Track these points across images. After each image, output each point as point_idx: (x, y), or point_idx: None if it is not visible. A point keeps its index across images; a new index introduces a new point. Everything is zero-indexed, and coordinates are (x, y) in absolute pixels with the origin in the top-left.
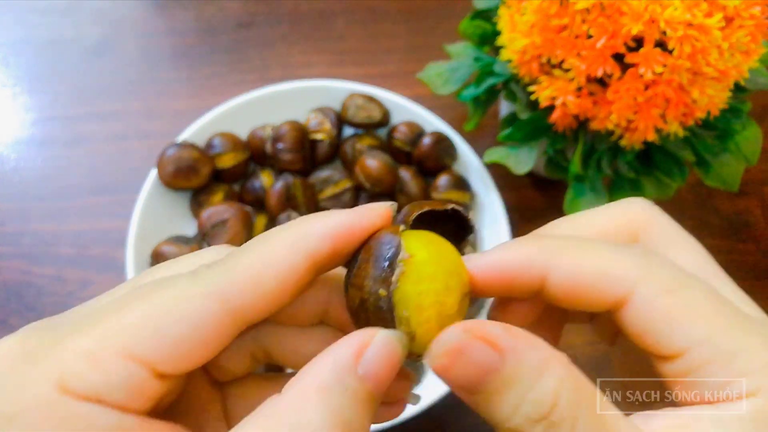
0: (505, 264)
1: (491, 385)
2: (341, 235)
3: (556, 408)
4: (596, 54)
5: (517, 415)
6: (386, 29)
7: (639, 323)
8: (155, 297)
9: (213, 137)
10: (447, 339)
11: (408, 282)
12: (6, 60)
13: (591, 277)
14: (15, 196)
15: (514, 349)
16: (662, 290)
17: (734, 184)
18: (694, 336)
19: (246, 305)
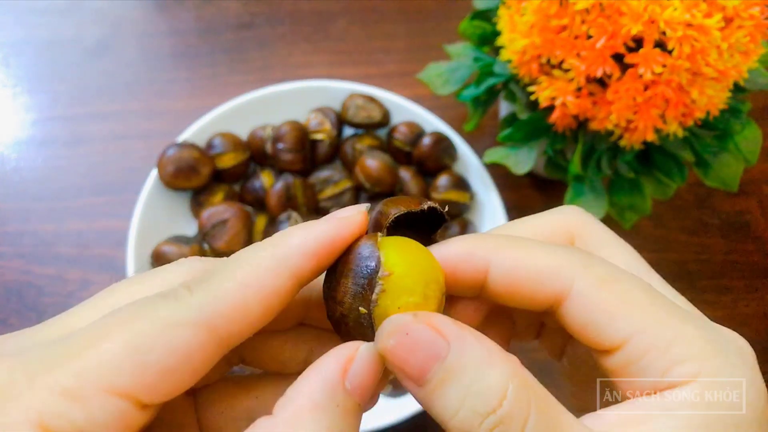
0: (449, 256)
1: (437, 374)
2: (322, 249)
3: (504, 402)
4: (596, 54)
5: (464, 408)
6: (386, 30)
7: (579, 317)
8: (136, 325)
9: (213, 137)
10: (395, 321)
11: (387, 298)
12: (6, 60)
13: (530, 273)
14: (15, 196)
15: (461, 337)
16: (599, 283)
17: (733, 184)
18: (632, 326)
19: (233, 332)
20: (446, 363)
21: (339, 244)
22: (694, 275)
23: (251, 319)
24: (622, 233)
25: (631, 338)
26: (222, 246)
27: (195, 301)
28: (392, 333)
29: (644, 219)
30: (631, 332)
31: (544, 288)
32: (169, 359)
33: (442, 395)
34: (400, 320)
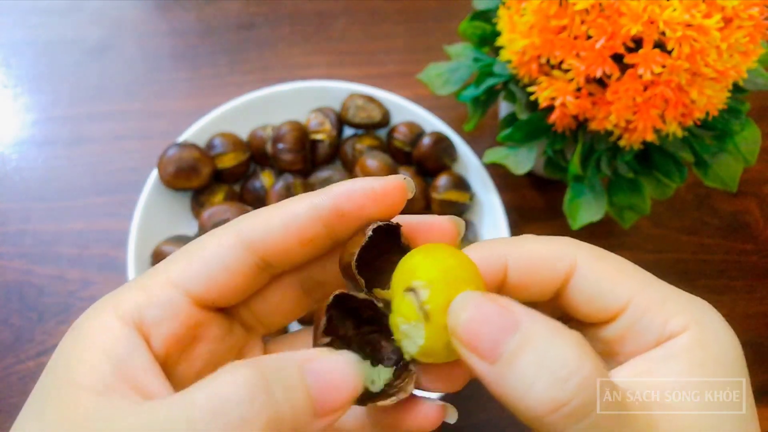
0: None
1: (510, 346)
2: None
3: (584, 365)
4: (595, 54)
5: (542, 375)
6: (386, 30)
7: (585, 288)
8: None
9: (214, 137)
10: (467, 296)
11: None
12: (7, 61)
13: (541, 256)
14: (16, 196)
15: (528, 312)
16: (595, 257)
17: (733, 184)
18: (631, 288)
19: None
20: (519, 334)
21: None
22: (693, 275)
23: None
24: (621, 233)
25: (632, 300)
26: None
27: (237, 227)
28: (465, 307)
29: (643, 219)
30: (630, 294)
31: (554, 269)
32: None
33: (518, 367)
34: (472, 296)
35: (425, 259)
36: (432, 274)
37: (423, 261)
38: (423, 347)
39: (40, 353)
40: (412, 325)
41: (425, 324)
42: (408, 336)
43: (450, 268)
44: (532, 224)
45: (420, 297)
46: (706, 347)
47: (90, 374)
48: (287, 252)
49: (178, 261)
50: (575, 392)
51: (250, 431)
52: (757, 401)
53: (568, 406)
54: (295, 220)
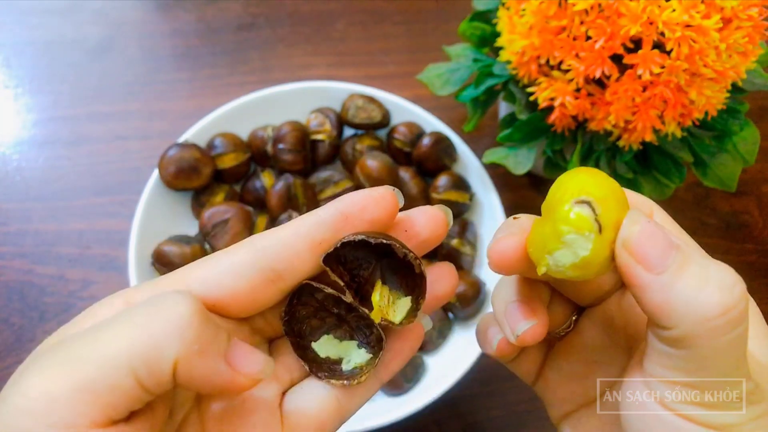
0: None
1: (676, 259)
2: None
3: (741, 280)
4: (595, 55)
5: (710, 284)
6: (386, 31)
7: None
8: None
9: (214, 138)
10: (636, 212)
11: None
12: (8, 61)
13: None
14: (17, 197)
15: (683, 240)
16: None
17: (732, 184)
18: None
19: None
20: (682, 252)
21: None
22: None
23: (294, 249)
24: None
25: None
26: (223, 246)
27: (251, 240)
28: (638, 222)
29: None
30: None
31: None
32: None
33: (685, 276)
34: (641, 215)
35: (592, 178)
36: (602, 191)
37: (590, 179)
38: (585, 258)
39: None
40: (583, 236)
41: (596, 236)
42: (570, 246)
43: (614, 191)
44: None
45: (596, 210)
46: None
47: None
48: (297, 258)
49: (194, 268)
50: (740, 298)
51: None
52: None
53: (735, 310)
54: (303, 226)
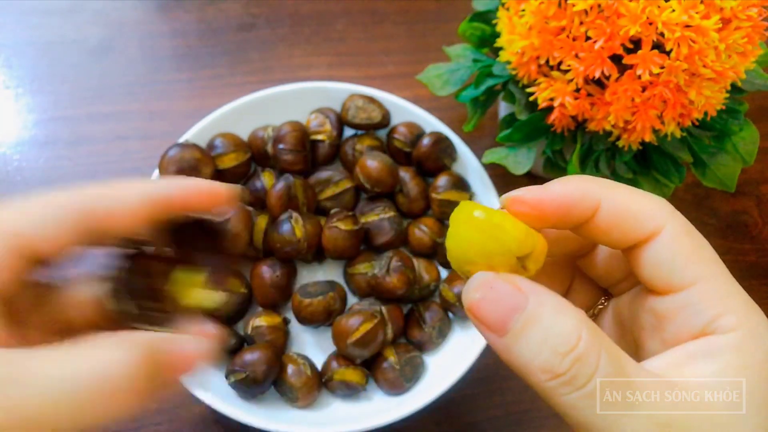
0: (566, 195)
1: (518, 322)
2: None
3: (581, 341)
4: (594, 55)
5: (545, 349)
6: (386, 31)
7: (660, 255)
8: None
9: (215, 138)
10: (480, 277)
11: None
12: (8, 61)
13: (634, 210)
14: (18, 196)
15: (536, 290)
16: (684, 232)
17: (731, 184)
18: (701, 273)
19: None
20: (526, 312)
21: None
22: None
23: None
24: None
25: (696, 283)
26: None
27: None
28: (478, 288)
29: None
30: (697, 278)
31: (642, 226)
32: (46, 214)
33: (524, 340)
34: (485, 277)
35: (477, 235)
36: (486, 253)
37: (475, 240)
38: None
39: None
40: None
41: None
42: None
43: (483, 246)
44: None
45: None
46: (750, 353)
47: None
48: (116, 219)
49: (6, 207)
50: (570, 365)
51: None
52: None
53: (564, 377)
54: (127, 198)
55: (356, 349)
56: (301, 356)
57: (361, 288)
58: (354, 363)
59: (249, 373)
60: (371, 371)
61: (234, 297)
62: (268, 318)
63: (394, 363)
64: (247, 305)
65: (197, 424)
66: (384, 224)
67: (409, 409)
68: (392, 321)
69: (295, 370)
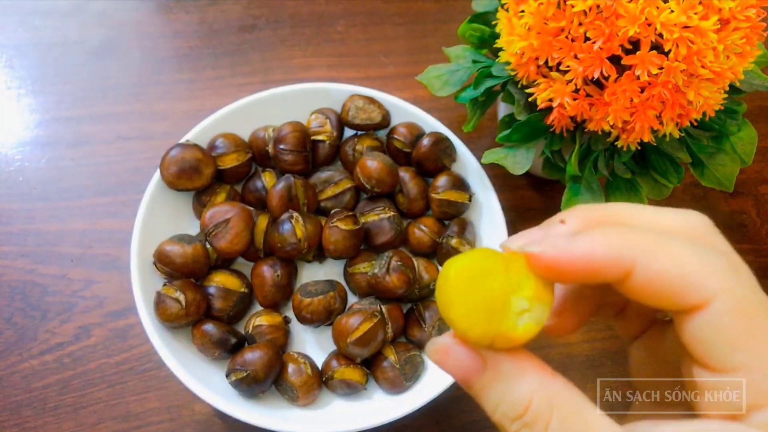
0: (594, 256)
1: (477, 384)
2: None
3: (529, 409)
4: (593, 56)
5: (497, 411)
6: (386, 32)
7: (703, 333)
8: None
9: (216, 138)
10: (438, 341)
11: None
12: (10, 62)
13: (676, 279)
14: (19, 197)
15: (495, 358)
16: (738, 309)
17: (729, 184)
18: (748, 362)
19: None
20: (483, 377)
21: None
22: None
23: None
24: None
25: (739, 371)
26: (224, 245)
27: None
28: (435, 352)
29: None
30: (743, 365)
31: (684, 298)
32: None
33: (484, 398)
34: (442, 341)
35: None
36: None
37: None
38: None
39: (44, 352)
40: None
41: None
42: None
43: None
44: (530, 224)
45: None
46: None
47: None
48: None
49: None
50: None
51: None
52: None
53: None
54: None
55: (356, 348)
56: (302, 355)
57: (361, 287)
58: (354, 362)
59: (250, 372)
60: (371, 370)
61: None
62: (268, 317)
63: (394, 362)
64: (247, 304)
65: (198, 423)
66: (384, 224)
67: (409, 408)
68: (392, 320)
69: (296, 369)
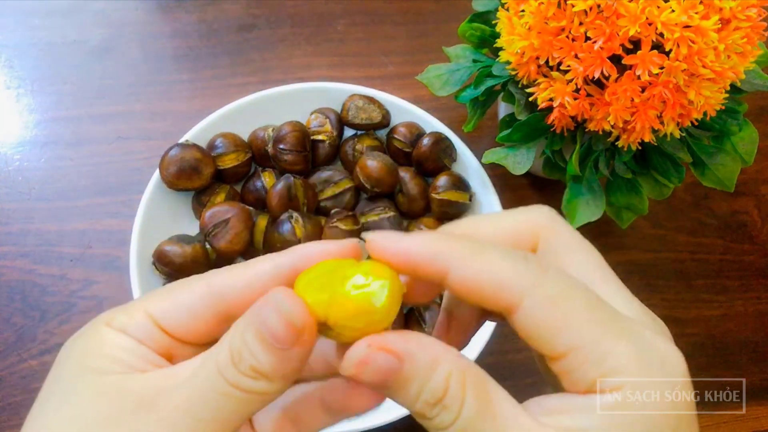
0: (411, 255)
1: (395, 383)
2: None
3: (447, 392)
4: (594, 56)
5: (419, 402)
6: (386, 32)
7: (526, 328)
8: (173, 287)
9: (215, 138)
10: (354, 354)
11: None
12: (10, 62)
13: (485, 283)
14: (19, 197)
15: (409, 353)
16: (547, 301)
17: (730, 184)
18: (571, 342)
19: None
20: (401, 375)
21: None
22: (691, 275)
23: (245, 300)
24: (619, 233)
25: (569, 352)
26: (223, 245)
27: (209, 279)
28: (355, 366)
29: (641, 219)
30: (569, 347)
31: (497, 299)
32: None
33: (402, 394)
34: (358, 353)
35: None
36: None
37: (301, 278)
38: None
39: (43, 352)
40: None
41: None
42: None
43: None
44: None
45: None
46: (631, 407)
47: (104, 358)
48: (247, 306)
49: (155, 296)
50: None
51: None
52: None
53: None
54: (257, 278)
55: None
56: None
57: None
58: None
59: None
60: None
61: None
62: None
63: None
64: None
65: None
66: (384, 224)
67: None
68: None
69: None
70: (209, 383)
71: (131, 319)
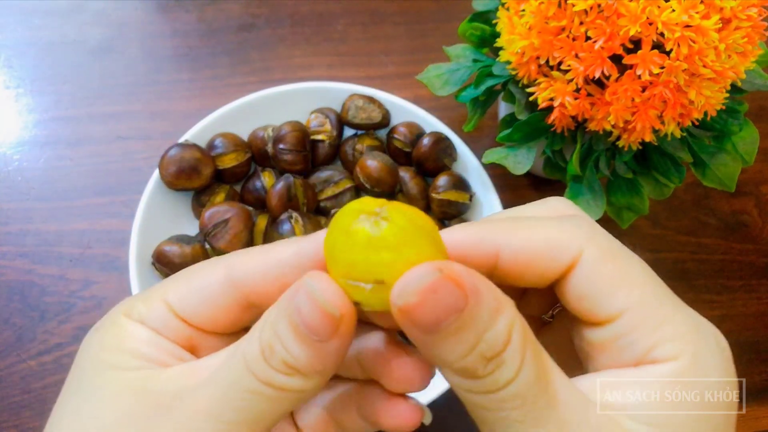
0: (457, 244)
1: (452, 325)
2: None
3: (508, 346)
4: (594, 55)
5: (472, 354)
6: (386, 31)
7: (582, 287)
8: (192, 273)
9: (215, 138)
10: (420, 276)
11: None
12: (9, 61)
13: (541, 247)
14: (18, 197)
15: (477, 290)
16: (605, 256)
17: (731, 184)
18: (628, 300)
19: (251, 288)
20: (463, 315)
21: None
22: (692, 275)
23: (266, 287)
24: (619, 233)
25: (625, 312)
26: (223, 246)
27: (228, 261)
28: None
29: (642, 219)
30: (626, 306)
31: (554, 261)
32: (201, 297)
33: (453, 342)
34: (426, 276)
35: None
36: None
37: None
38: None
39: (42, 352)
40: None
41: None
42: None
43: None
44: None
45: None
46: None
47: (123, 353)
48: (269, 294)
49: (174, 282)
50: (492, 369)
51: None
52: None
53: (482, 380)
54: (278, 264)
55: None
56: None
57: None
58: None
59: None
60: None
61: None
62: None
63: None
64: None
65: None
66: None
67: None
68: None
69: None
70: (235, 380)
71: (149, 308)
